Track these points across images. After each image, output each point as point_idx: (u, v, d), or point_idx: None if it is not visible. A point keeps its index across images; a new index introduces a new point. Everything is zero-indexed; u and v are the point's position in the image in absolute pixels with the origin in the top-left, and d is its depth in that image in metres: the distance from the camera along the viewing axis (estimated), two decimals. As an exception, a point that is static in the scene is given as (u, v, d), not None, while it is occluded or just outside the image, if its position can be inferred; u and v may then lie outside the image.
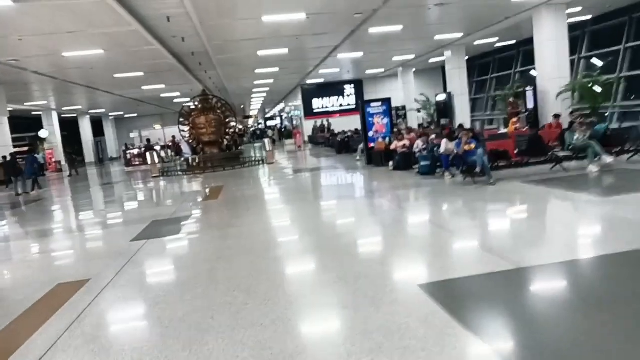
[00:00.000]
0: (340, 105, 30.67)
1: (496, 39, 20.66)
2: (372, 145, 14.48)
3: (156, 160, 18.55)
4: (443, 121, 21.26)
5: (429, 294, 3.95)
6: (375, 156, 13.95)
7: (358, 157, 16.46)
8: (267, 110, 57.76)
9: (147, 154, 19.09)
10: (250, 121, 63.01)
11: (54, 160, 28.21)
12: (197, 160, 18.93)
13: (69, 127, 33.49)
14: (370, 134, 14.53)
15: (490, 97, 25.19)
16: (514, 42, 22.22)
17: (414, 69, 26.31)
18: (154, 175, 18.25)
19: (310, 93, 30.30)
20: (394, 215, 7.83)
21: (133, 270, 5.69)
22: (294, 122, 35.26)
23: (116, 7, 9.81)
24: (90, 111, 33.30)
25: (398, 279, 4.51)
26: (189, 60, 18.38)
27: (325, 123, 29.43)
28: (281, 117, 52.76)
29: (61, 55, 14.17)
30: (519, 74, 22.93)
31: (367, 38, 16.41)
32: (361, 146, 16.43)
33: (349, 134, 20.18)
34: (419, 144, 11.89)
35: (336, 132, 24.15)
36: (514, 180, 9.11)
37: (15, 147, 28.46)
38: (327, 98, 30.58)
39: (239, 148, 25.29)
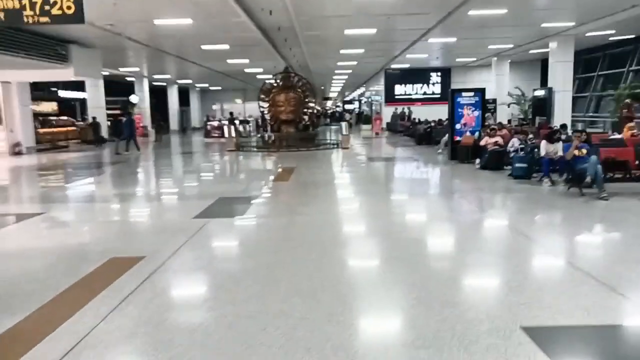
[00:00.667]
0: (424, 93, 29.08)
1: (612, 31, 18.16)
2: (458, 138, 13.23)
3: (233, 134, 18.48)
4: (538, 119, 19.23)
5: (538, 343, 3.01)
6: (461, 151, 12.71)
7: (440, 150, 15.22)
8: (346, 94, 56.93)
9: (225, 128, 19.08)
10: (329, 103, 62.62)
11: (141, 124, 29.41)
12: (272, 138, 18.62)
13: (158, 95, 34.85)
14: (458, 126, 13.26)
15: (594, 96, 22.49)
16: (632, 36, 19.47)
17: (509, 60, 24.11)
18: (229, 149, 18.20)
19: (394, 78, 28.96)
20: (483, 224, 6.77)
21: (189, 254, 5.23)
22: (373, 107, 34.13)
23: (205, -27, 9.40)
24: (178, 81, 34.38)
25: (494, 315, 3.55)
26: (275, 35, 17.94)
27: (406, 111, 28.05)
28: (359, 101, 51.69)
29: (153, 22, 14.23)
30: (632, 73, 20.15)
31: (464, 22, 14.93)
32: (445, 139, 15.16)
33: (432, 124, 18.82)
34: (514, 142, 10.52)
35: (417, 120, 22.81)
36: (633, 197, 7.63)
37: (108, 109, 30.33)
38: (411, 85, 29.10)
39: (316, 129, 24.81)
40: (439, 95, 28.86)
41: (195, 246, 5.52)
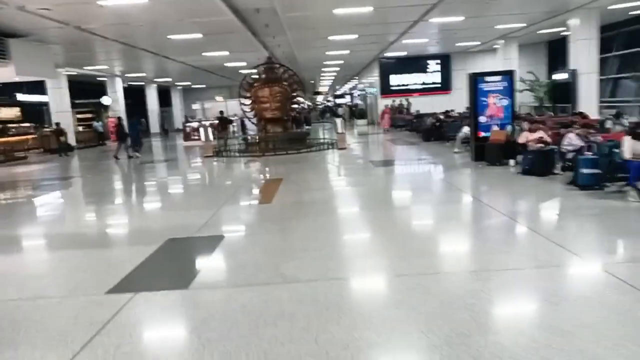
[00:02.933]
0: (423, 82, 26.20)
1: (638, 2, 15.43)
2: (482, 134, 10.42)
3: (210, 137, 15.52)
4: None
5: None
6: (490, 151, 9.88)
7: (457, 149, 12.39)
8: (337, 87, 53.88)
9: (202, 130, 16.12)
10: (320, 98, 59.54)
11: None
12: (257, 140, 15.71)
13: (135, 96, 31.69)
14: (482, 119, 10.43)
15: (611, 79, 19.64)
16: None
17: (517, 43, 21.29)
18: (206, 154, 15.26)
19: (389, 68, 26.03)
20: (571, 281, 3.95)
21: None
22: (368, 100, 31.21)
23: None
24: (156, 79, 31.22)
25: None
26: (253, 20, 14.99)
27: (405, 102, 25.19)
28: (351, 95, 48.62)
29: (97, 3, 11.22)
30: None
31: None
32: (462, 134, 12.36)
33: (441, 116, 15.93)
34: (571, 139, 7.71)
35: (420, 113, 19.94)
36: None
37: (77, 113, 27.20)
38: (408, 74, 26.19)
39: (309, 126, 21.94)
40: (439, 85, 26.03)
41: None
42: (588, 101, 15.62)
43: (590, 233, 5.25)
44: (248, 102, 16.74)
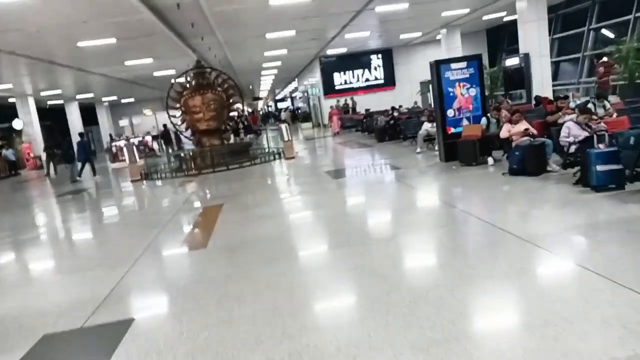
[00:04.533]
0: (367, 80, 24.82)
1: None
2: (452, 130, 8.91)
3: (136, 158, 13.08)
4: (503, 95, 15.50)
5: None
6: (464, 149, 8.33)
7: (419, 149, 10.87)
8: (276, 91, 51.84)
9: (125, 149, 13.62)
10: (260, 104, 57.21)
11: (32, 155, 22.90)
12: (190, 156, 13.46)
13: (55, 116, 28.08)
14: (450, 112, 8.91)
15: (587, 57, 17.82)
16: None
17: (459, 31, 20.33)
18: (133, 178, 12.85)
19: (331, 66, 24.43)
20: None
21: None
22: (311, 102, 29.49)
23: None
24: (77, 96, 27.78)
25: None
26: (176, 19, 12.77)
27: (350, 102, 23.67)
28: (292, 98, 46.71)
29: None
30: None
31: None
32: (423, 132, 10.86)
33: (395, 114, 14.35)
34: (570, 129, 6.26)
35: (370, 111, 18.42)
36: None
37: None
38: (350, 72, 24.72)
39: (258, 133, 19.89)
40: (382, 81, 24.76)
41: None
42: (542, 85, 14.71)
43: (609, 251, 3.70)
44: (178, 113, 14.46)
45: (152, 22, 11.87)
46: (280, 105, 49.70)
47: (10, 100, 23.43)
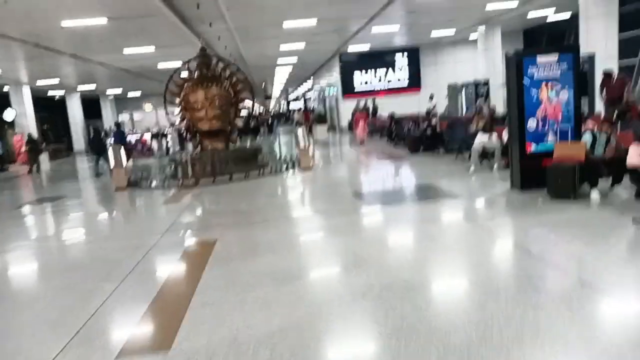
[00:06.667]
0: (389, 81, 22.29)
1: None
2: (533, 148, 6.40)
3: (123, 162, 10.68)
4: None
5: None
6: (558, 176, 5.80)
7: (473, 167, 8.35)
8: (289, 90, 49.31)
9: (110, 150, 11.19)
10: (272, 103, 54.73)
11: (23, 149, 20.65)
12: (187, 161, 11.03)
13: (54, 108, 25.88)
14: (531, 123, 6.39)
15: None
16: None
17: (500, 29, 17.72)
18: (118, 186, 10.47)
19: (351, 65, 21.93)
20: None
21: None
22: (327, 103, 27.01)
23: None
24: (79, 87, 25.54)
25: None
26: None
27: (371, 104, 21.14)
28: (305, 98, 44.08)
29: None
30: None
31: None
32: (478, 146, 8.35)
33: (433, 121, 11.68)
34: None
35: (396, 116, 15.84)
36: None
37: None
38: (372, 71, 22.19)
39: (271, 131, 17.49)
40: (406, 83, 22.21)
41: None
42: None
43: None
44: (177, 109, 12.07)
45: (151, 2, 9.48)
46: (293, 105, 47.18)
47: (5, 89, 21.30)
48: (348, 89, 22.09)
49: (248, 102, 13.37)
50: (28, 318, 3.90)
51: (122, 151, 10.75)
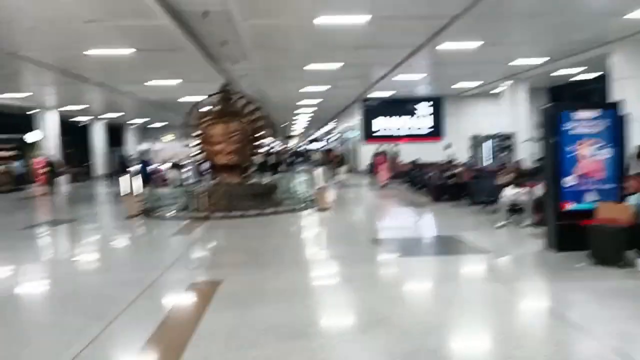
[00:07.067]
0: (409, 128, 22.11)
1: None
2: (569, 206, 5.88)
3: (137, 189, 10.45)
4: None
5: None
6: (600, 240, 5.26)
7: (503, 222, 7.79)
8: (310, 132, 49.75)
9: (121, 180, 10.96)
10: (293, 143, 55.10)
11: (43, 170, 20.74)
12: (201, 194, 10.72)
13: (76, 133, 26.23)
14: (569, 180, 5.91)
15: None
16: None
17: (528, 85, 17.49)
18: (130, 214, 10.17)
19: (374, 110, 21.93)
20: None
21: None
22: (348, 145, 26.87)
23: None
24: (105, 115, 25.96)
25: None
26: (202, 30, 10.44)
27: (391, 149, 20.80)
28: (323, 140, 44.16)
29: None
30: None
31: (502, 11, 8.20)
32: (507, 198, 7.84)
33: (453, 167, 11.23)
34: None
35: (418, 162, 15.44)
36: None
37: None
38: (394, 118, 22.10)
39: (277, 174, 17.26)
40: (427, 131, 21.99)
41: None
42: None
43: None
44: (196, 142, 11.91)
45: (172, 32, 9.50)
46: (313, 145, 47.34)
47: (32, 111, 21.72)
48: (369, 133, 21.97)
49: (268, 139, 13.20)
50: None
51: (135, 179, 10.53)
